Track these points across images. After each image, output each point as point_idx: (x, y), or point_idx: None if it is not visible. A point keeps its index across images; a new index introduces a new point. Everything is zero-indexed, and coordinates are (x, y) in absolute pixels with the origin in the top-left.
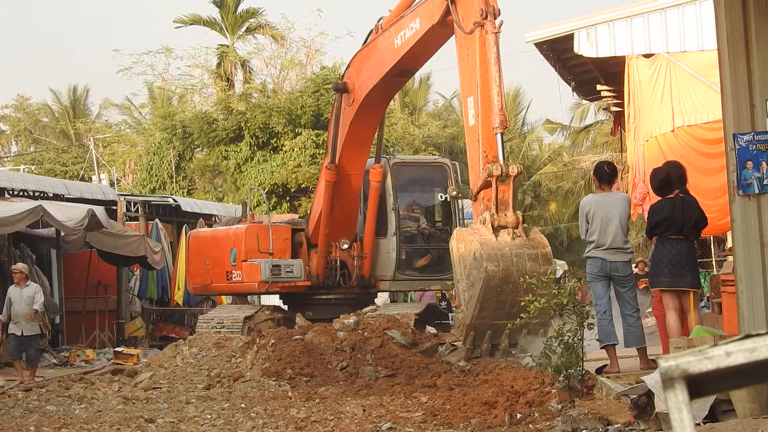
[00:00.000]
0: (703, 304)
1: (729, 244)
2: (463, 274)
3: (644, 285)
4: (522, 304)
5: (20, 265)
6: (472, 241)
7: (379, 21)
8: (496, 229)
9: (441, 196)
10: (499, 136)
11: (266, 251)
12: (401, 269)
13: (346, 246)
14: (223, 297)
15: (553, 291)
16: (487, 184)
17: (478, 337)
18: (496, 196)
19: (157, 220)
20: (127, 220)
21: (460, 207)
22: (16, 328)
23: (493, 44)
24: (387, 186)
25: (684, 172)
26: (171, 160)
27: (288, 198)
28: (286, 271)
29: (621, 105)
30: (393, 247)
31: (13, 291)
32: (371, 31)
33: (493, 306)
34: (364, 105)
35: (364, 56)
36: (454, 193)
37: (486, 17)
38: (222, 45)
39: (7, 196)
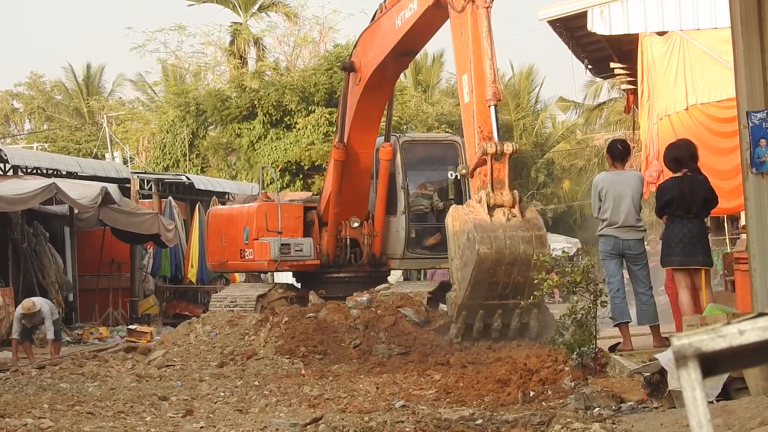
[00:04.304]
0: (716, 282)
1: (742, 222)
2: (456, 252)
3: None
4: (536, 281)
5: (26, 304)
6: (467, 221)
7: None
8: (492, 208)
9: (452, 174)
10: (492, 109)
11: (275, 230)
12: (410, 248)
13: (356, 224)
14: (237, 275)
15: (567, 269)
16: (482, 162)
17: (470, 316)
18: (492, 174)
19: (170, 197)
20: (140, 198)
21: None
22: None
23: (484, 18)
24: (396, 164)
25: (695, 151)
26: (184, 138)
27: (301, 176)
28: (296, 250)
29: (634, 83)
30: (402, 225)
31: (25, 320)
32: (377, 10)
33: (485, 287)
34: (370, 84)
35: (369, 35)
36: (464, 171)
37: None
38: (235, 23)
39: (20, 173)
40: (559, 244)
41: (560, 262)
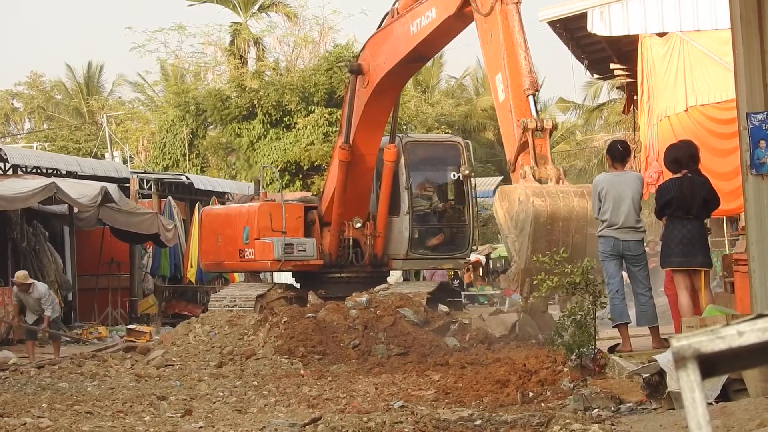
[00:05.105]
0: (715, 283)
1: (742, 223)
2: (510, 226)
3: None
4: (535, 282)
5: (19, 275)
6: (515, 189)
7: (395, 4)
8: (538, 182)
9: (454, 175)
10: (531, 98)
11: (279, 230)
12: (413, 248)
13: (359, 225)
14: (236, 274)
15: (566, 270)
16: (523, 147)
17: (535, 286)
18: (534, 150)
19: (170, 197)
20: (140, 198)
21: (473, 185)
22: (29, 319)
23: (515, 14)
24: (400, 165)
25: (696, 152)
26: (184, 138)
27: (300, 176)
28: (299, 250)
29: (634, 84)
30: (405, 226)
31: (20, 294)
32: (387, 14)
33: (545, 247)
34: (378, 88)
35: (379, 40)
36: (467, 171)
37: None
38: (235, 23)
39: (20, 173)
40: None
41: (559, 263)
